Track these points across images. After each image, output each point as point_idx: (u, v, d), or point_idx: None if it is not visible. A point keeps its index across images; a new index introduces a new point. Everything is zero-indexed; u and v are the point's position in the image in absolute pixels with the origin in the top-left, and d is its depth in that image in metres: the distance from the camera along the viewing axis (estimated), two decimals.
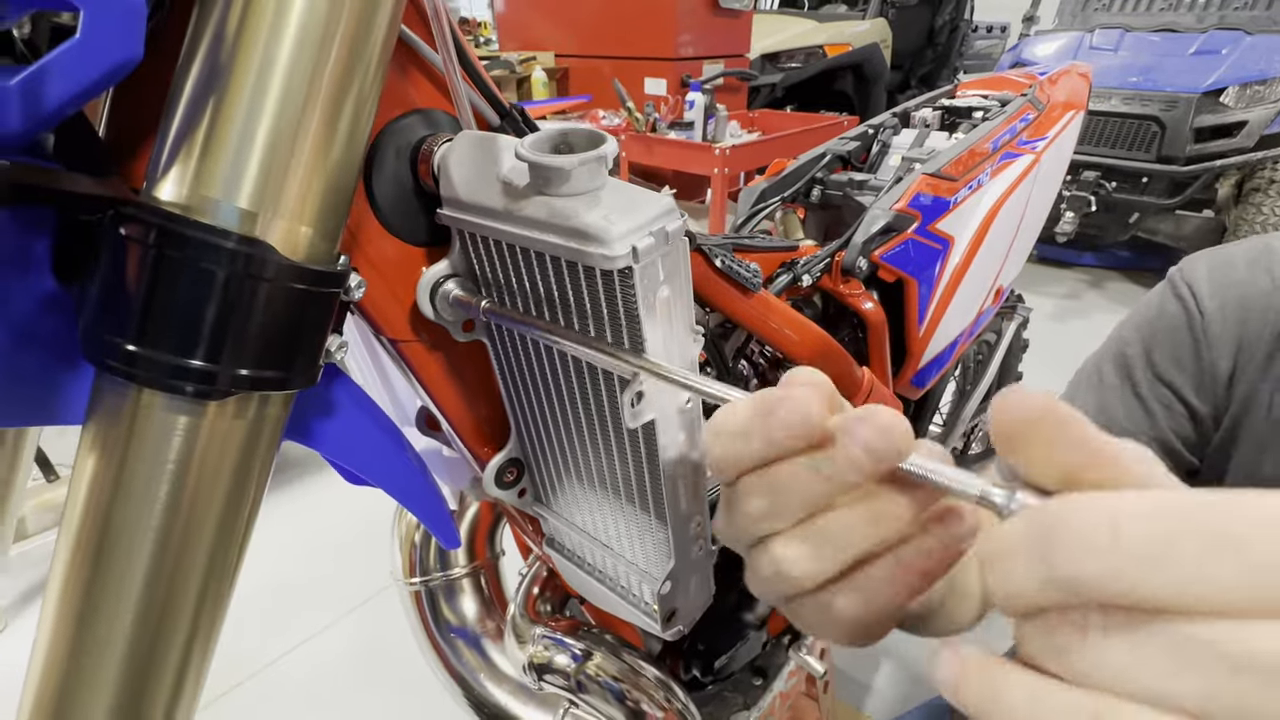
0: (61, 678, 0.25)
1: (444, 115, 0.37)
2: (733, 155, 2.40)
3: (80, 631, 0.25)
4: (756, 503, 0.22)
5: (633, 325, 0.30)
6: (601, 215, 0.28)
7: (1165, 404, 0.54)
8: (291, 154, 0.24)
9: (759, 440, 0.21)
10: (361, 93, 0.26)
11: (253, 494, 0.28)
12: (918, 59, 5.07)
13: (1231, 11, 3.20)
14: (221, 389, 0.25)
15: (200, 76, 0.23)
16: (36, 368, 0.25)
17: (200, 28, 0.23)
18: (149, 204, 0.23)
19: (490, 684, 0.70)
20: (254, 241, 0.24)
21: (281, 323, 0.25)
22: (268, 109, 0.23)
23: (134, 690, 0.26)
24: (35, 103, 0.20)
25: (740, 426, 0.22)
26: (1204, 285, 0.53)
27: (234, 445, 0.26)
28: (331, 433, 0.37)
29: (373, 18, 0.25)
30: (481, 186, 0.33)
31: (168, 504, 0.25)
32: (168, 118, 0.23)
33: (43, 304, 0.25)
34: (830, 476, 0.20)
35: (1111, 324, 0.59)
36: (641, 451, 0.36)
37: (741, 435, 0.22)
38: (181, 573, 0.26)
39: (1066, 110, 1.01)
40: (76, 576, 0.25)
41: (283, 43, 0.23)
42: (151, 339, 0.23)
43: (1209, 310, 0.52)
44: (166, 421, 0.24)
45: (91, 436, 0.24)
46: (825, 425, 0.20)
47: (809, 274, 0.71)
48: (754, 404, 0.22)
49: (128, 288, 0.23)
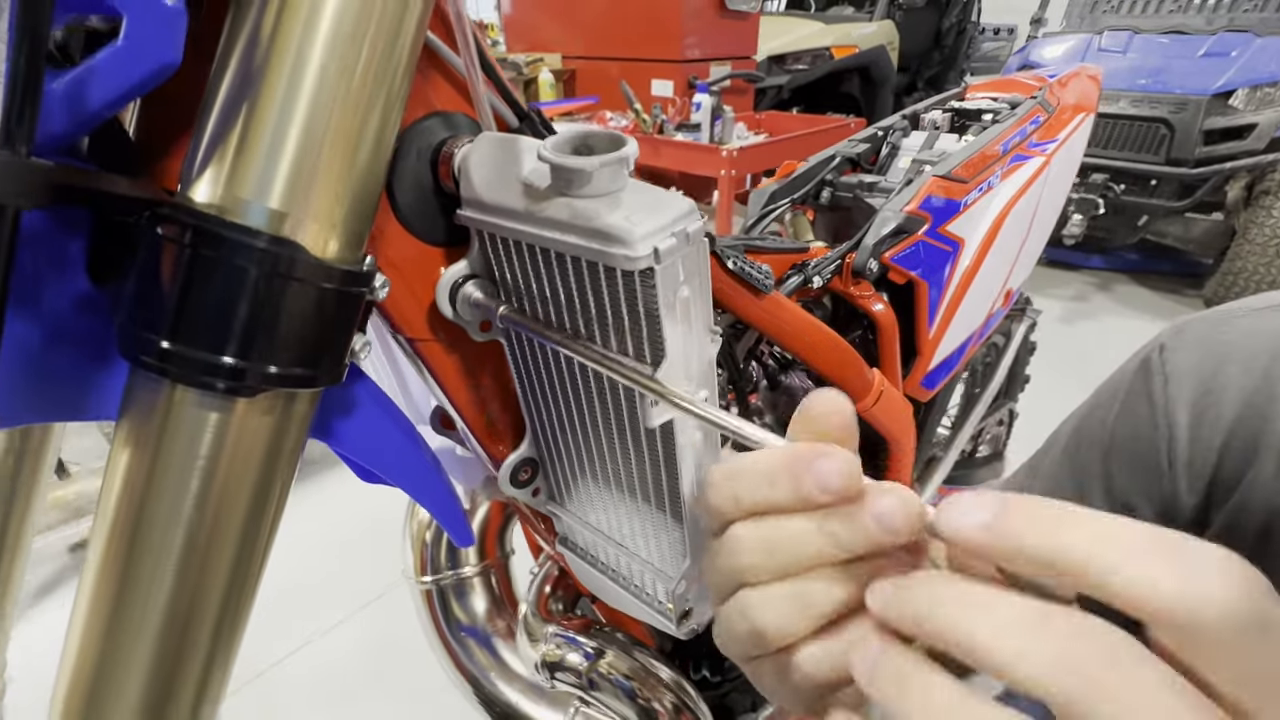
0: (95, 664, 0.25)
1: (463, 117, 0.38)
2: (740, 157, 2.41)
3: (113, 621, 0.25)
4: (747, 547, 0.22)
5: (652, 325, 0.31)
6: (623, 216, 0.29)
7: None
8: (322, 156, 0.24)
9: (786, 489, 0.21)
10: (390, 96, 0.26)
11: (279, 490, 0.28)
12: (925, 61, 5.06)
13: (1241, 13, 3.19)
14: (251, 386, 0.25)
15: (234, 81, 0.23)
16: (70, 365, 0.26)
17: (234, 34, 0.23)
18: (185, 204, 0.23)
19: (501, 682, 0.70)
20: (285, 241, 0.24)
21: (310, 321, 0.26)
22: (300, 112, 0.24)
23: (164, 678, 0.26)
24: (78, 105, 0.20)
25: (767, 472, 0.21)
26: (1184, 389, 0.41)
27: (262, 442, 0.27)
28: (351, 430, 0.37)
29: (402, 23, 0.25)
30: (502, 188, 0.33)
31: (198, 498, 0.25)
32: (202, 121, 0.23)
33: (77, 303, 0.25)
34: (834, 536, 0.20)
35: (1120, 327, 0.58)
36: (659, 451, 0.36)
37: (767, 481, 0.21)
38: (211, 565, 0.27)
39: (1076, 113, 1.01)
40: (110, 566, 0.25)
41: (315, 48, 0.24)
42: (185, 336, 0.23)
43: (1179, 424, 0.41)
44: (198, 418, 0.25)
45: (125, 432, 0.25)
46: None
47: (819, 275, 0.71)
48: (785, 454, 0.21)
49: (163, 286, 0.23)
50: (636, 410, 0.35)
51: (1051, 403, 0.67)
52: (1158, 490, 0.42)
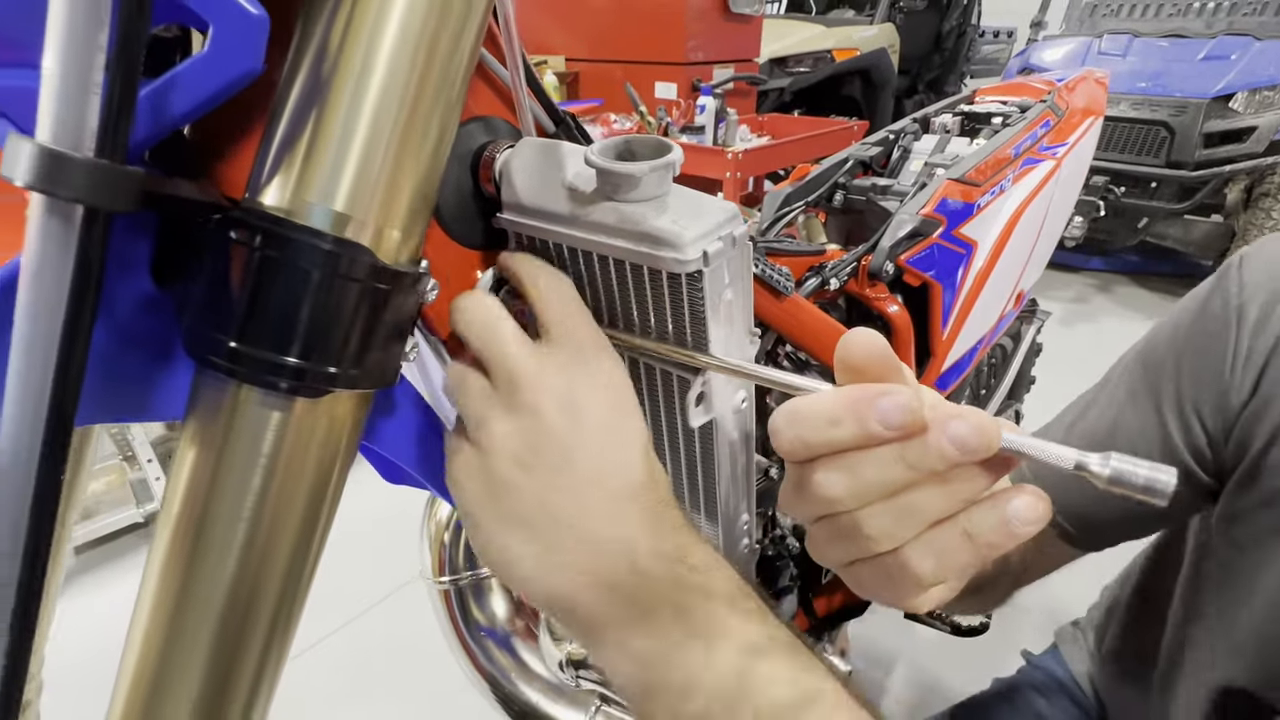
0: (160, 652, 0.26)
1: (502, 122, 0.38)
2: (744, 159, 2.41)
3: (177, 611, 0.26)
4: (836, 485, 0.24)
5: (697, 326, 0.31)
6: (671, 220, 0.29)
7: (1185, 426, 0.49)
8: (385, 161, 0.25)
9: (851, 428, 0.23)
10: (448, 103, 0.27)
11: (334, 488, 0.29)
12: (925, 64, 5.08)
13: (1240, 17, 3.21)
14: (312, 386, 0.26)
15: (303, 90, 0.24)
16: (135, 366, 0.26)
17: (304, 44, 0.24)
18: (255, 208, 0.24)
19: (521, 682, 0.71)
20: (349, 244, 0.25)
21: (368, 323, 0.26)
22: (364, 119, 0.24)
23: (223, 668, 0.27)
24: (161, 113, 0.21)
25: (828, 414, 0.23)
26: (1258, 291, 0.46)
27: (319, 440, 0.27)
28: (390, 430, 0.38)
29: (462, 34, 0.26)
30: (545, 192, 0.34)
31: (259, 495, 0.26)
32: (271, 128, 0.24)
33: (142, 305, 0.26)
34: (916, 464, 0.22)
35: (1120, 328, 0.59)
36: (697, 451, 0.37)
37: (830, 422, 0.23)
38: (269, 560, 0.27)
39: (1085, 116, 1.02)
40: (175, 560, 0.26)
41: (380, 59, 0.24)
42: (252, 337, 0.24)
43: (1250, 320, 0.45)
44: (261, 417, 0.25)
45: (192, 431, 0.25)
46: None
47: (836, 277, 0.72)
48: (848, 395, 0.23)
49: (232, 288, 0.24)
50: (675, 411, 0.36)
51: (1052, 403, 0.67)
52: (1218, 388, 0.47)
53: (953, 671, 1.35)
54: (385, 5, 0.24)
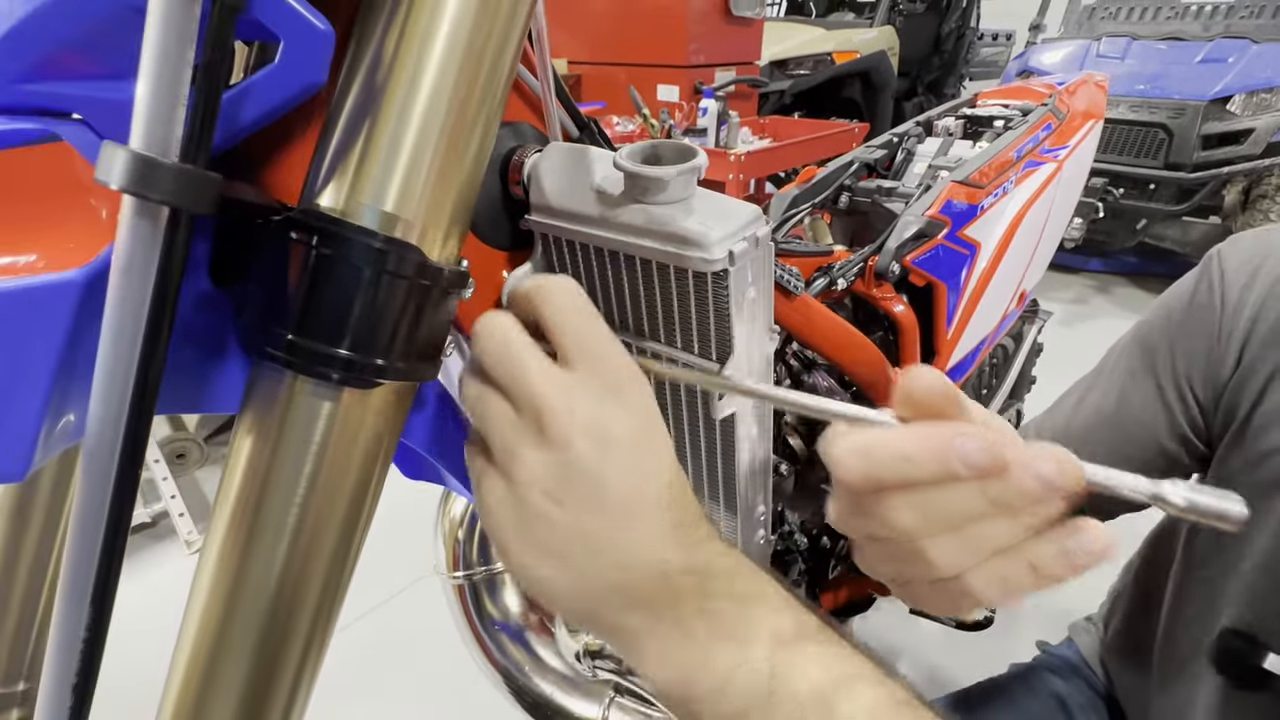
0: (215, 634, 0.27)
1: (529, 127, 0.40)
2: (747, 161, 2.43)
3: (233, 593, 0.27)
4: (906, 517, 0.25)
5: (721, 324, 0.33)
6: (698, 222, 0.31)
7: (1181, 398, 0.55)
8: (431, 165, 0.27)
9: (930, 468, 0.24)
10: (490, 110, 0.28)
11: (377, 477, 0.30)
12: (924, 66, 5.11)
13: (1238, 20, 3.23)
14: (361, 377, 0.27)
15: (358, 99, 0.25)
16: (193, 361, 0.28)
17: (359, 57, 0.25)
18: (313, 209, 0.25)
19: (535, 675, 0.72)
20: (398, 242, 0.26)
21: (414, 318, 0.28)
22: (414, 126, 0.26)
23: (273, 650, 0.28)
24: (233, 121, 0.22)
25: (903, 452, 0.24)
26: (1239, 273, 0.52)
27: (366, 430, 0.29)
28: (421, 425, 0.39)
29: (504, 47, 0.27)
30: (574, 194, 0.35)
31: (310, 482, 0.27)
32: (327, 134, 0.26)
33: (201, 303, 0.27)
34: (997, 500, 0.23)
35: (1119, 329, 0.61)
36: (717, 444, 0.38)
37: (904, 459, 0.24)
38: (317, 545, 0.28)
39: (1086, 119, 1.04)
40: (232, 543, 0.27)
41: (429, 70, 0.26)
42: (308, 330, 0.25)
43: (1231, 302, 0.52)
44: (313, 406, 0.27)
45: (248, 422, 0.27)
46: None
47: (844, 278, 0.74)
48: (924, 435, 0.24)
49: (290, 285, 0.25)
50: (697, 404, 0.37)
51: (1051, 402, 0.69)
52: (1207, 363, 0.52)
53: (957, 665, 1.36)
54: (435, 20, 0.25)
